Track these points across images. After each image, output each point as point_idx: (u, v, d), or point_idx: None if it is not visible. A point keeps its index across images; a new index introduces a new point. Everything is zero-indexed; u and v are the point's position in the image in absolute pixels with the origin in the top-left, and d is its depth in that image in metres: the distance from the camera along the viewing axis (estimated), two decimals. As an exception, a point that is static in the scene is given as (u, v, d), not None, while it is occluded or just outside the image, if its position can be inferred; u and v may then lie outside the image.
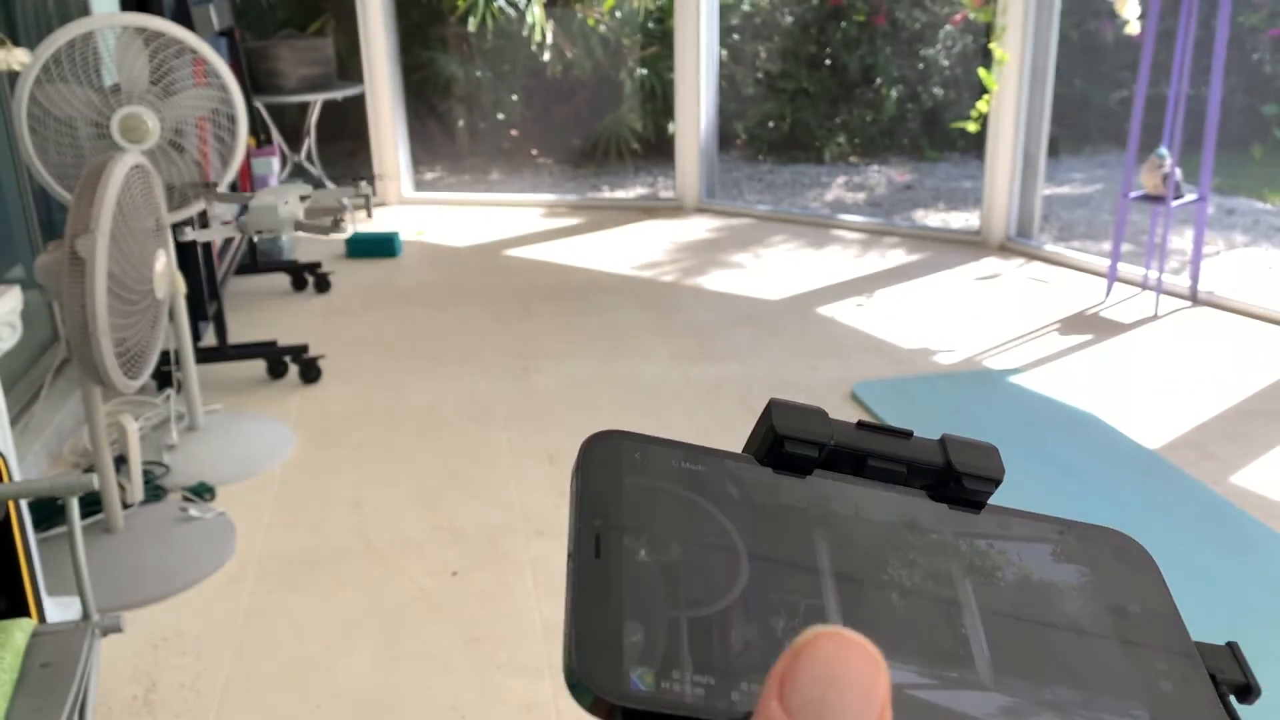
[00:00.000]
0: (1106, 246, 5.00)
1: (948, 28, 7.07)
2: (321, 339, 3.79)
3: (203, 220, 3.08)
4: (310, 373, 3.39)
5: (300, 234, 2.64)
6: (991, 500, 0.28)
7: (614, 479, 0.26)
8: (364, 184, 2.74)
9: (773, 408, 0.27)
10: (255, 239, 4.36)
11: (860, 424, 0.28)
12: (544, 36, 6.65)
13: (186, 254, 3.11)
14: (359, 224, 5.26)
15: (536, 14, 6.53)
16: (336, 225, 2.53)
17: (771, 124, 7.20)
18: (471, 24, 6.63)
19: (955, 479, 0.28)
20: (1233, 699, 0.28)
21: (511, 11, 6.73)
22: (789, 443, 0.27)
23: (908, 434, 0.28)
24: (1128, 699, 0.26)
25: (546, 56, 6.79)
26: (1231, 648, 0.28)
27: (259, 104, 4.73)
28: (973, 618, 0.26)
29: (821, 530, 0.26)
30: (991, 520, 0.28)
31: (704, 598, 0.24)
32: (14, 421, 2.84)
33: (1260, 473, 2.77)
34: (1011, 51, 4.45)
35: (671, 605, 0.24)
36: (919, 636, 0.25)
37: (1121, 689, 0.26)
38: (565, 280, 4.44)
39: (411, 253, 4.87)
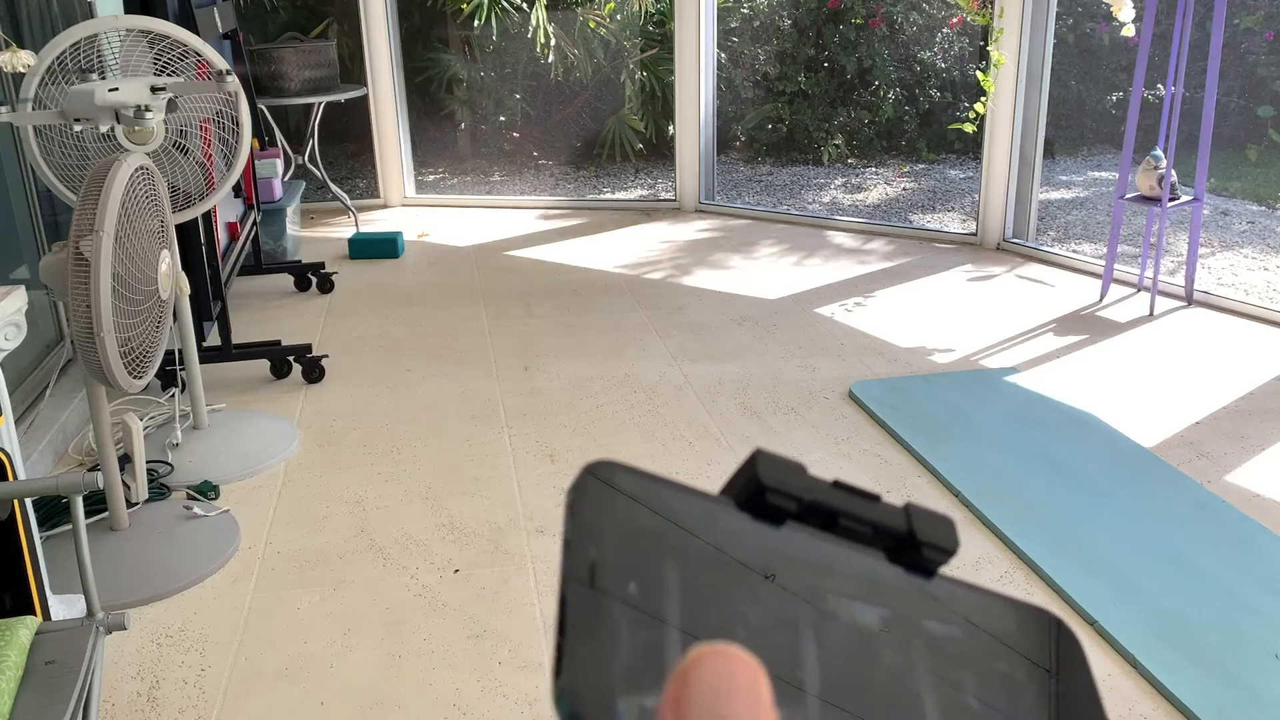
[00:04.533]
0: (1102, 248, 5.03)
1: (945, 30, 7.10)
2: (324, 339, 3.81)
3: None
4: (313, 372, 3.41)
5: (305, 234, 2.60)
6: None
7: (610, 510, 0.27)
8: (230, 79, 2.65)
9: (758, 458, 0.29)
10: (262, 245, 4.38)
11: (835, 483, 0.30)
12: (548, 38, 6.68)
13: (191, 254, 3.13)
14: (363, 225, 5.29)
15: (540, 16, 6.56)
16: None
17: (770, 126, 7.23)
18: (476, 23, 6.66)
19: (915, 546, 0.29)
20: None
21: (515, 14, 6.76)
22: (770, 494, 0.28)
23: (876, 497, 0.30)
24: None
25: (550, 58, 6.82)
26: None
27: (262, 106, 4.75)
28: (927, 687, 0.27)
29: (787, 580, 0.28)
30: (940, 588, 0.30)
31: (690, 636, 0.25)
32: (19, 420, 2.86)
33: (1254, 471, 2.80)
34: (1008, 54, 4.47)
35: (663, 643, 0.25)
36: (882, 701, 0.26)
37: None
38: (566, 280, 4.46)
39: (414, 253, 4.89)
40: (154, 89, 2.43)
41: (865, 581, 0.29)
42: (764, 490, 0.28)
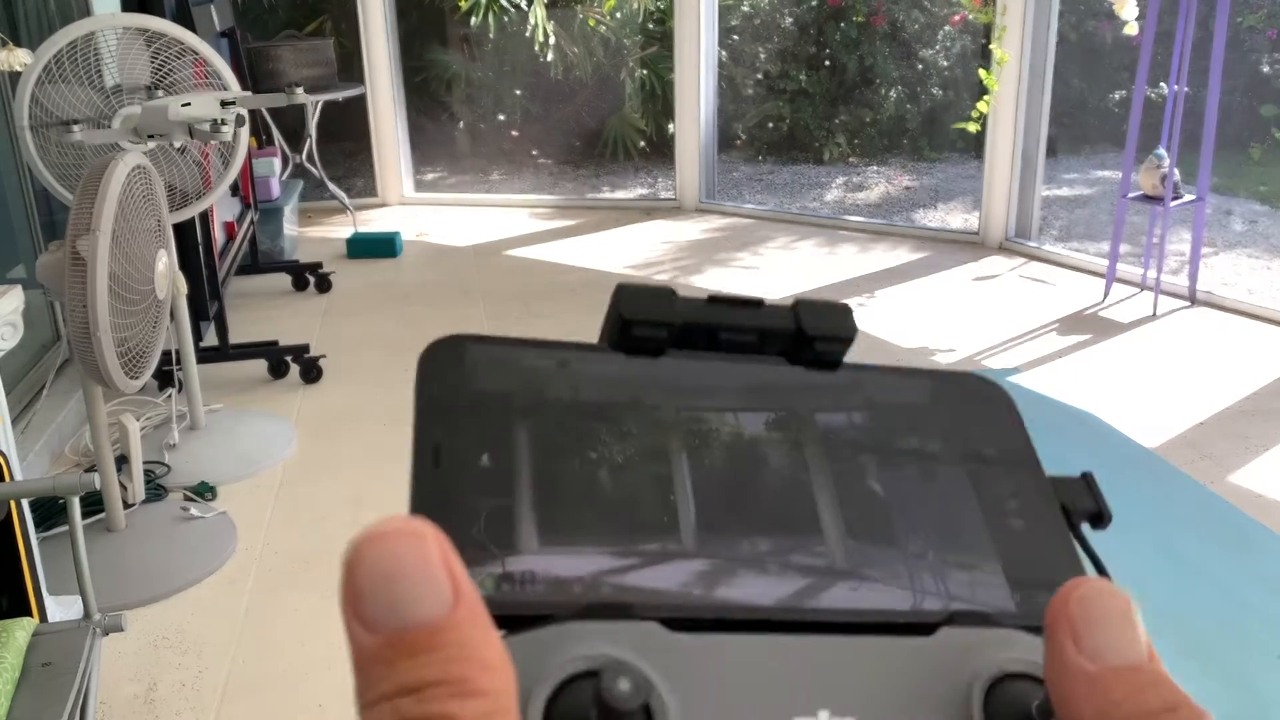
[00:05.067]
0: (1105, 247, 5.01)
1: (947, 29, 7.08)
2: (322, 339, 3.80)
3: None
4: (311, 372, 3.40)
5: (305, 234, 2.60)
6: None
7: (456, 386, 0.26)
8: (294, 89, 2.71)
9: (619, 292, 0.27)
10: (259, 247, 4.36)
11: (711, 298, 0.28)
12: (546, 37, 6.66)
13: (188, 254, 3.12)
14: (361, 224, 5.28)
15: (539, 14, 6.55)
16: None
17: (771, 125, 7.21)
18: (474, 21, 6.65)
19: (808, 342, 0.28)
20: (1086, 526, 0.28)
21: (514, 11, 6.75)
22: (637, 326, 0.27)
23: (759, 302, 0.28)
24: (978, 537, 0.26)
25: (549, 57, 6.81)
26: (1086, 479, 0.29)
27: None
28: (823, 479, 0.26)
29: (674, 411, 0.26)
30: (847, 377, 0.28)
31: (549, 497, 0.24)
32: (16, 421, 2.85)
33: (1257, 472, 2.78)
34: (1011, 52, 4.46)
35: (514, 508, 0.24)
36: (770, 506, 0.25)
37: (971, 530, 0.26)
38: (565, 280, 4.45)
39: (412, 253, 4.88)
40: (224, 103, 2.45)
41: (757, 390, 0.27)
42: (631, 324, 0.27)
